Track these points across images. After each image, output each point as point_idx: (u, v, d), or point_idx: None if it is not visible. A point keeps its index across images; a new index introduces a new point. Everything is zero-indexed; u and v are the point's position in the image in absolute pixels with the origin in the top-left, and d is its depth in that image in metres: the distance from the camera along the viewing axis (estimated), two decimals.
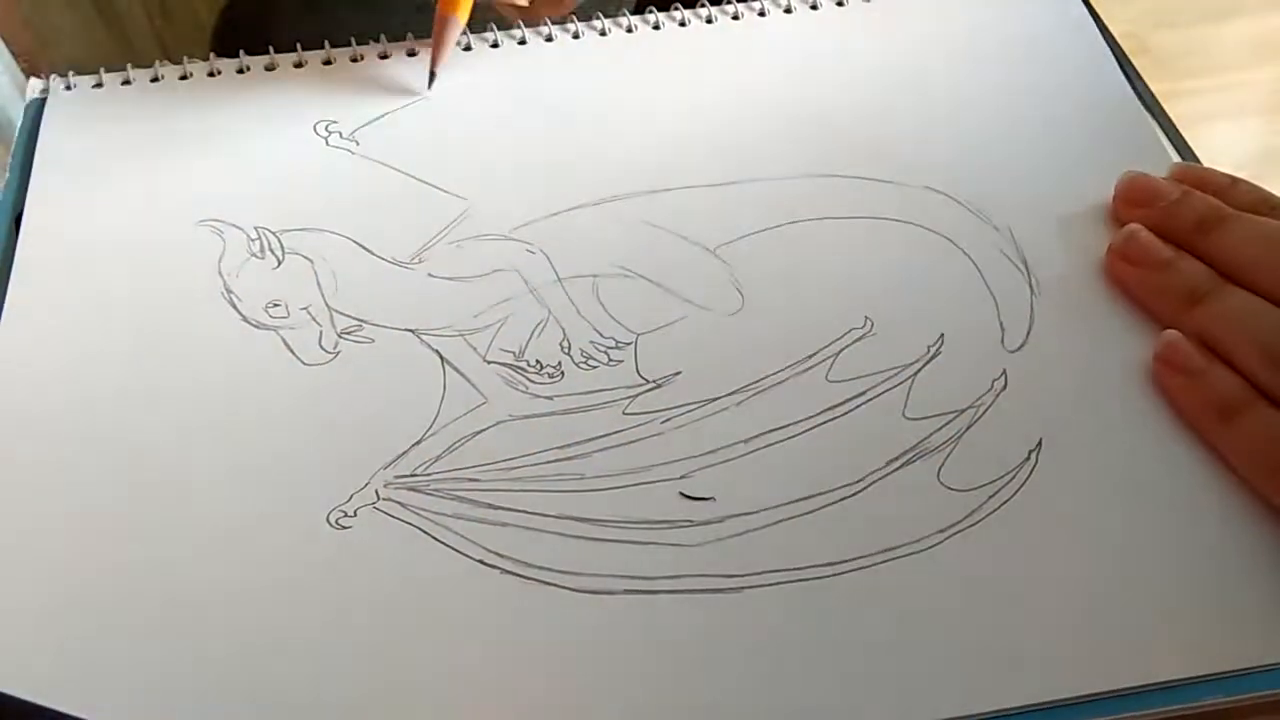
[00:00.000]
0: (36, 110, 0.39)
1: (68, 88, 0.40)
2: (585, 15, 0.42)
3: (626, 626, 0.26)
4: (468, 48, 0.41)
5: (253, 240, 0.35)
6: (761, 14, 0.42)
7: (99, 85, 0.40)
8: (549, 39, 0.41)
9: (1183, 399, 0.30)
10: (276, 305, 0.33)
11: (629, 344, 0.32)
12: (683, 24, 0.42)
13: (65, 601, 0.27)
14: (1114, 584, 0.27)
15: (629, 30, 0.42)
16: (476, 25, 0.41)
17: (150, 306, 0.33)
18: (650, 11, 0.42)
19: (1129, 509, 0.29)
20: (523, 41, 0.41)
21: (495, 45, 0.41)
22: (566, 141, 0.38)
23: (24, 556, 0.28)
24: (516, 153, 0.37)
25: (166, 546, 0.28)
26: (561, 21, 0.41)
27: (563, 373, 0.31)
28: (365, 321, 0.33)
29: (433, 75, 0.39)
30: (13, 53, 0.56)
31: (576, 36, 0.41)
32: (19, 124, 0.39)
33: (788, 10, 0.42)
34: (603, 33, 0.41)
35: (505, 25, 0.41)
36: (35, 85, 0.40)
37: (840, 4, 0.43)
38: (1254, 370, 0.29)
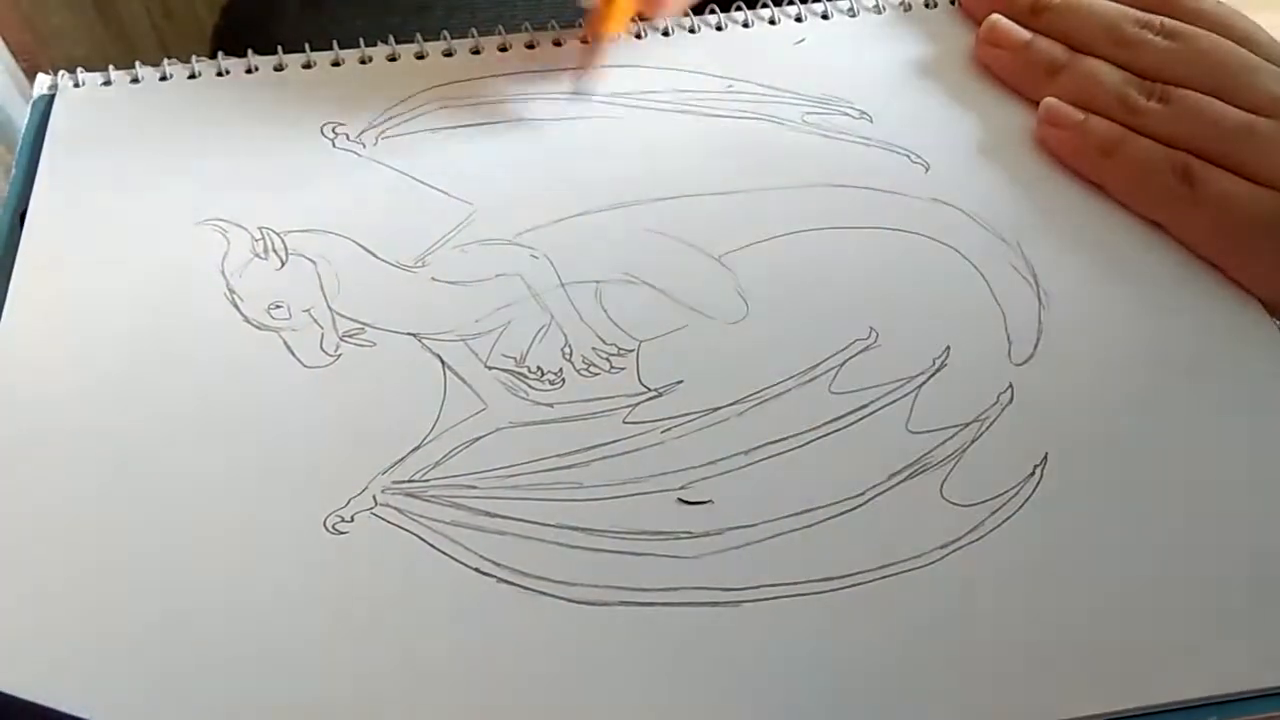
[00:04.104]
0: (44, 107, 0.39)
1: (76, 85, 0.40)
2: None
3: (620, 638, 0.26)
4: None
5: (256, 241, 0.34)
6: (772, 21, 0.42)
7: (107, 83, 0.40)
8: (557, 43, 0.41)
9: (1068, 148, 0.37)
10: (279, 306, 0.33)
11: (631, 351, 0.32)
12: (693, 30, 0.42)
13: (62, 602, 0.27)
14: (1117, 604, 0.27)
15: (638, 36, 0.41)
16: (485, 29, 0.41)
17: (152, 305, 0.33)
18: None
19: (1134, 527, 0.28)
20: (530, 45, 0.41)
21: (504, 49, 0.41)
22: (572, 148, 0.37)
23: (21, 556, 0.28)
24: (522, 159, 0.37)
25: (163, 548, 0.28)
26: (570, 26, 0.41)
27: (564, 380, 0.31)
28: (367, 325, 0.32)
29: (580, 91, 0.39)
30: (12, 52, 0.56)
31: (585, 41, 0.41)
32: (26, 120, 0.39)
33: (799, 19, 0.42)
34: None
35: (513, 29, 0.41)
36: (43, 82, 0.40)
37: (853, 14, 0.43)
38: (1116, 115, 0.36)
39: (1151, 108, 0.36)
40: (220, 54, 0.40)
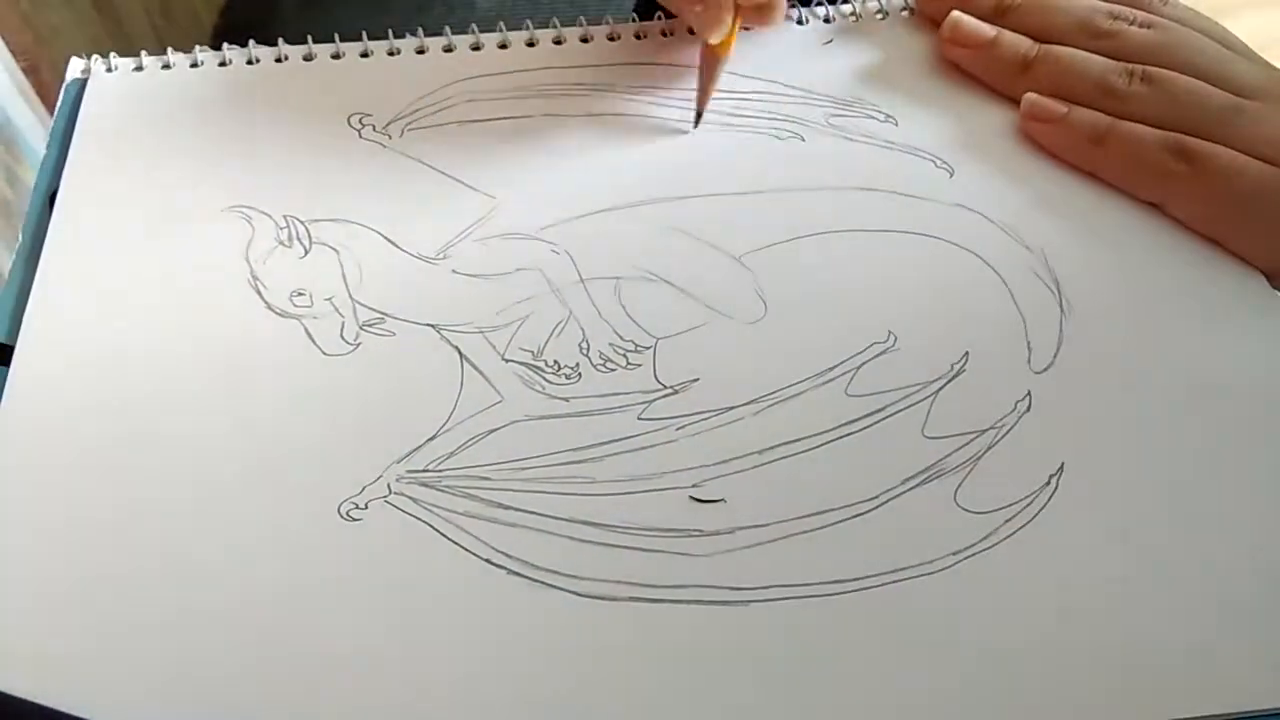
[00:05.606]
0: (77, 91, 0.39)
1: (108, 70, 0.40)
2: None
3: (628, 633, 0.26)
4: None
5: (281, 228, 0.35)
6: (800, 22, 0.42)
7: (139, 69, 0.40)
8: (584, 40, 0.41)
9: (1059, 141, 0.37)
10: (301, 294, 0.33)
11: (648, 348, 0.32)
12: None
13: (66, 598, 0.27)
14: (1130, 618, 0.27)
15: (664, 34, 0.41)
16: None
17: (176, 290, 0.33)
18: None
19: (1150, 540, 0.28)
20: (558, 41, 0.41)
21: (531, 44, 0.41)
22: (595, 145, 0.38)
23: (27, 548, 0.27)
24: (546, 154, 0.37)
25: (175, 534, 0.28)
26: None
27: (580, 374, 0.31)
28: (387, 315, 0.33)
29: (699, 116, 0.38)
30: (12, 52, 0.56)
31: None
32: (59, 108, 0.39)
33: (827, 20, 0.42)
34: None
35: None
36: (76, 66, 0.40)
37: (883, 16, 0.42)
38: (1098, 102, 0.36)
39: (1136, 91, 0.36)
40: (251, 43, 0.41)
